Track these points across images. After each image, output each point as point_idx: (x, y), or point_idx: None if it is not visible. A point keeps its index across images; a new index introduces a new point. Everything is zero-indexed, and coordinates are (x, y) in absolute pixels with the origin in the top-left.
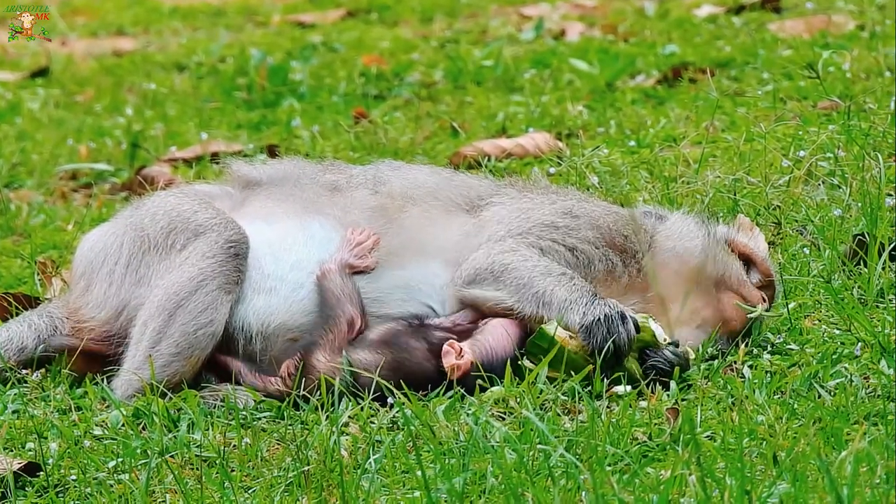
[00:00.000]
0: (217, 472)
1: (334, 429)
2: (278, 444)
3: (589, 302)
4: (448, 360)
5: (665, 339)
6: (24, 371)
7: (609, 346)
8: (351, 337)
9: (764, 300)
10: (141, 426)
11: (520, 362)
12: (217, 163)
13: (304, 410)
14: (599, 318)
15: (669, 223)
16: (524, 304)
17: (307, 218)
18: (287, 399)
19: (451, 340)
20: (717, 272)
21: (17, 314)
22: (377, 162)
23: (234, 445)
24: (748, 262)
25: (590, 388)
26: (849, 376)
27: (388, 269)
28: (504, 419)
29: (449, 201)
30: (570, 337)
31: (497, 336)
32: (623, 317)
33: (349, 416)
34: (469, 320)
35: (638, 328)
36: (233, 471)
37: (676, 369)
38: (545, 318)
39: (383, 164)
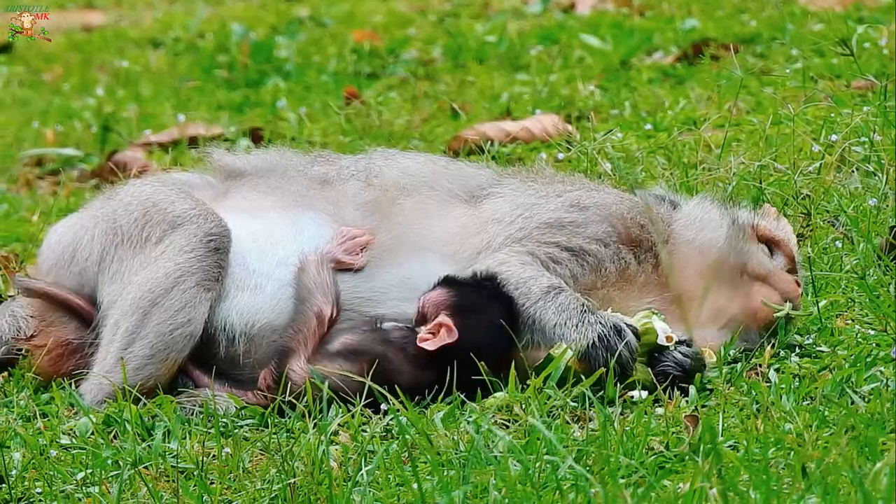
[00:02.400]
0: (195, 485)
1: (323, 437)
2: (262, 455)
3: (580, 323)
4: (424, 338)
5: (673, 338)
6: None
7: (613, 366)
8: (323, 331)
9: (798, 284)
10: (112, 434)
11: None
12: (196, 147)
13: (289, 418)
14: (594, 342)
15: (687, 210)
16: (521, 311)
17: (296, 212)
18: (271, 405)
19: (426, 328)
20: (743, 263)
21: None
22: (369, 152)
23: (214, 456)
24: (770, 246)
25: (602, 393)
26: (884, 381)
27: (383, 267)
28: (508, 427)
29: (446, 192)
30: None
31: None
32: (619, 330)
33: (339, 424)
34: (424, 314)
35: (638, 336)
36: (212, 483)
37: (697, 375)
38: (542, 345)
39: (376, 154)
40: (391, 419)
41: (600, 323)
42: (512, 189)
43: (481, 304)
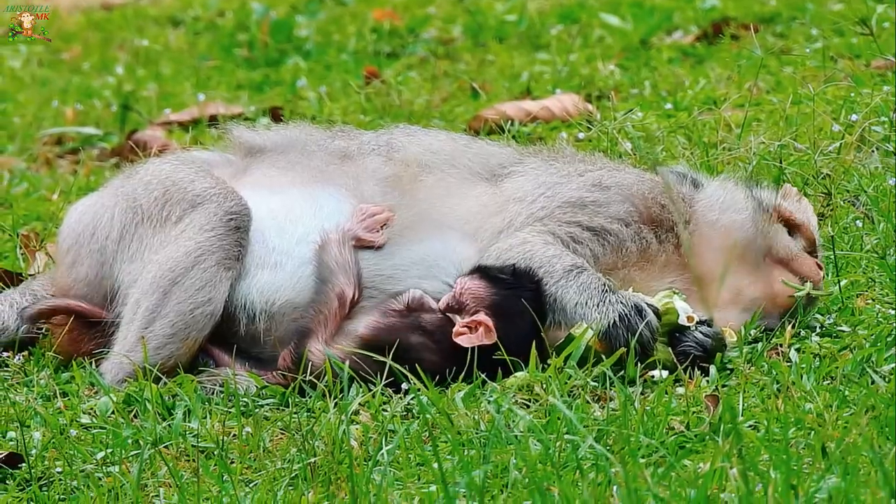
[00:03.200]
0: (215, 465)
1: (343, 417)
2: (282, 434)
3: (601, 302)
4: (460, 332)
5: (694, 318)
6: (4, 354)
7: (633, 346)
8: (344, 313)
9: (820, 267)
10: (132, 414)
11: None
12: (215, 126)
13: (310, 397)
14: (615, 321)
15: (710, 191)
16: (544, 289)
17: (315, 188)
18: (292, 385)
19: (462, 321)
20: (767, 246)
21: None
22: (390, 127)
23: (234, 435)
24: (791, 228)
25: (622, 373)
26: None
27: (403, 245)
28: (528, 407)
29: (467, 170)
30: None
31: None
32: (640, 310)
33: (359, 404)
34: (461, 302)
35: (659, 316)
36: (232, 463)
37: (718, 355)
38: (563, 325)
39: (397, 130)
40: (412, 399)
41: (621, 303)
42: (533, 168)
43: (522, 309)
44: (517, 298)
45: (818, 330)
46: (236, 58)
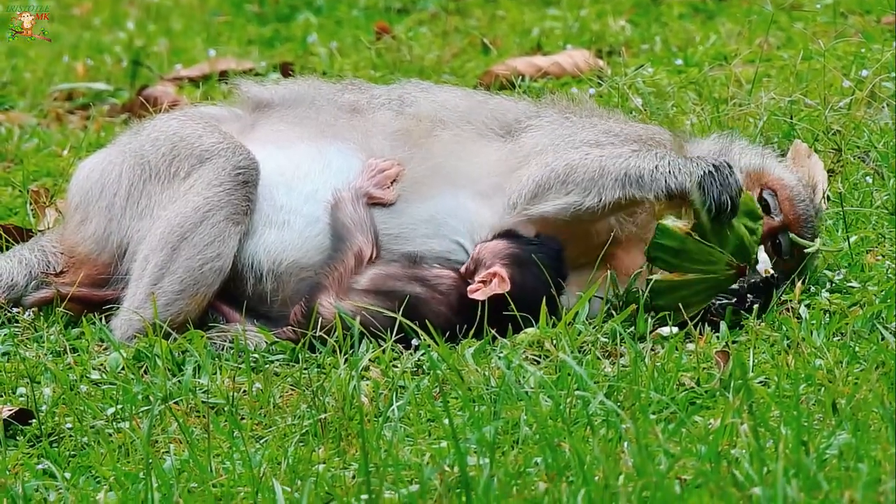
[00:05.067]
0: (226, 421)
1: (354, 373)
2: (292, 390)
3: (684, 162)
4: (475, 289)
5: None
6: (14, 310)
7: (725, 201)
8: (359, 272)
9: (778, 253)
10: (142, 370)
11: (644, 269)
12: (226, 82)
13: (320, 353)
14: (708, 171)
15: (704, 147)
16: (607, 193)
17: (324, 143)
18: (302, 341)
19: (478, 277)
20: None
21: (8, 248)
22: (402, 82)
23: (244, 391)
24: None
25: (632, 329)
26: None
27: (412, 202)
28: (539, 363)
29: (483, 126)
30: (685, 224)
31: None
32: (729, 166)
33: (370, 360)
34: (479, 260)
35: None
36: (243, 419)
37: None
38: (637, 198)
39: (409, 84)
40: (422, 355)
41: (704, 160)
42: (549, 122)
43: (540, 262)
44: (537, 253)
45: (828, 286)
46: (247, 13)
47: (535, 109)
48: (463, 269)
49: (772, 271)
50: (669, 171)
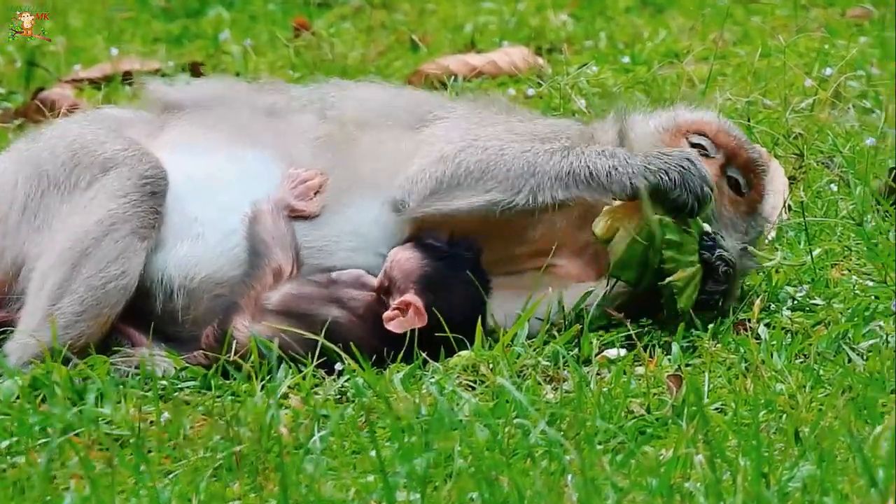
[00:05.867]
0: (131, 454)
1: (271, 401)
2: (204, 420)
3: (646, 156)
4: (390, 317)
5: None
6: None
7: (691, 203)
8: (276, 287)
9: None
10: (40, 398)
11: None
12: (130, 84)
13: (234, 380)
14: (670, 168)
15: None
16: (545, 192)
17: (240, 149)
18: (214, 366)
19: (393, 304)
20: None
21: None
22: (322, 82)
23: (152, 421)
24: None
25: (577, 351)
26: (884, 336)
27: (336, 213)
28: (474, 389)
29: (401, 122)
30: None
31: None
32: (689, 160)
33: (289, 387)
34: (391, 278)
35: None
36: (150, 452)
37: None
38: (587, 200)
39: (330, 84)
40: (346, 381)
41: (663, 153)
42: (460, 114)
43: (455, 277)
44: (452, 268)
45: (789, 304)
46: (152, 8)
47: (449, 102)
48: (377, 283)
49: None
50: (624, 177)
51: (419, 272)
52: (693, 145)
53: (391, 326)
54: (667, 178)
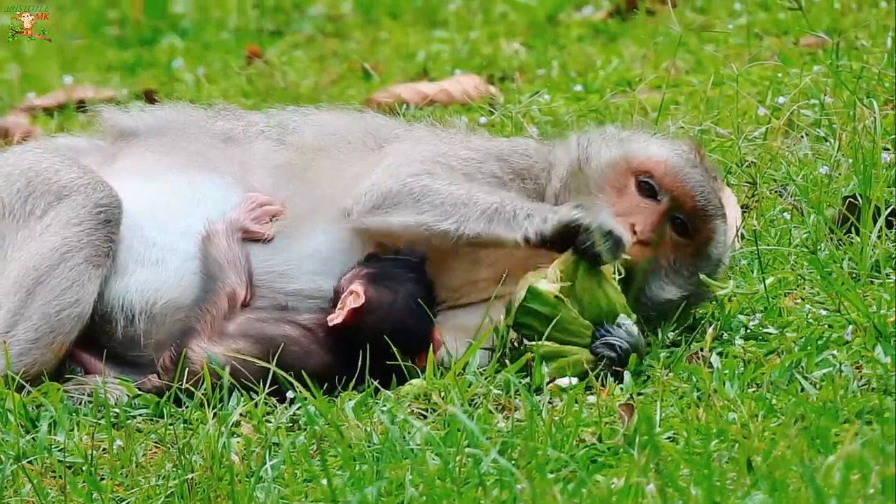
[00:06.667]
0: (84, 481)
1: (223, 429)
2: (157, 447)
3: (569, 208)
4: (333, 316)
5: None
6: None
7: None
8: (233, 315)
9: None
10: None
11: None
12: (84, 112)
13: (187, 407)
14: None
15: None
16: (469, 223)
17: (198, 174)
18: (167, 394)
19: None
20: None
21: None
22: (278, 110)
23: (104, 449)
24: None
25: (528, 380)
26: (837, 366)
27: (297, 237)
28: (426, 417)
29: (361, 145)
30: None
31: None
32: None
33: (241, 414)
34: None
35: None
36: (102, 479)
37: (632, 357)
38: (501, 238)
39: (289, 110)
40: (298, 408)
41: (586, 210)
42: (417, 135)
43: (397, 274)
44: (394, 266)
45: (742, 332)
46: (106, 37)
47: (407, 126)
48: (328, 303)
49: (634, 331)
50: (545, 218)
51: (362, 272)
52: (640, 184)
53: (333, 321)
54: (582, 233)
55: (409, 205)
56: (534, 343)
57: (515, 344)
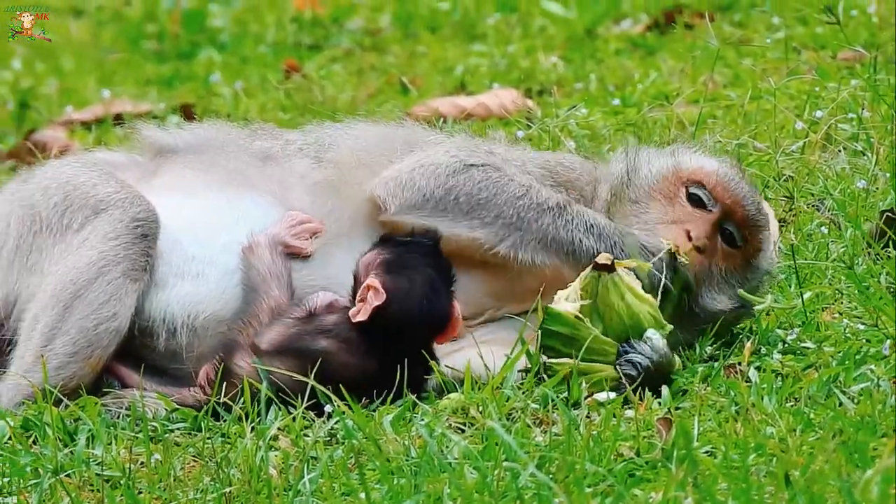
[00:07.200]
0: (122, 495)
1: (261, 443)
2: (195, 461)
3: (629, 236)
4: (355, 312)
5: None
6: None
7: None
8: (266, 329)
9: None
10: (31, 440)
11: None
12: (121, 126)
13: (225, 421)
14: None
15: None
16: (528, 251)
17: (237, 192)
18: (205, 408)
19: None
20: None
21: None
22: (315, 125)
23: (142, 463)
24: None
25: (566, 394)
26: (875, 380)
27: (337, 254)
28: (464, 431)
29: (398, 154)
30: (582, 308)
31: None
32: (673, 256)
33: (279, 428)
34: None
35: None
36: (140, 493)
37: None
38: (559, 266)
39: (325, 126)
40: (336, 422)
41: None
42: (447, 140)
43: (413, 259)
44: (410, 251)
45: (780, 347)
46: (144, 51)
47: (443, 134)
48: (350, 295)
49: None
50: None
51: (378, 260)
52: (690, 195)
53: (357, 318)
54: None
55: (456, 216)
56: (554, 361)
57: (545, 363)
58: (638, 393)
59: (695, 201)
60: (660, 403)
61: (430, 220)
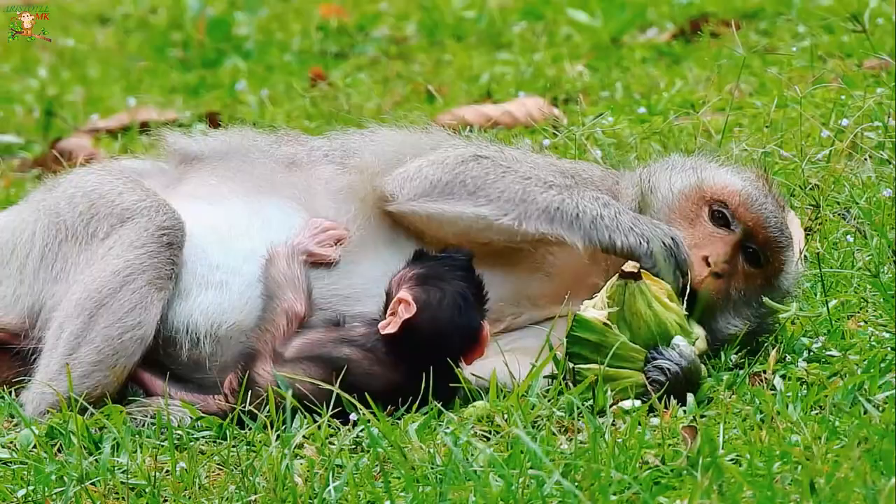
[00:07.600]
0: (147, 503)
1: (286, 451)
2: (220, 469)
3: (636, 220)
4: (384, 325)
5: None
6: None
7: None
8: (293, 331)
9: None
10: (56, 448)
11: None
12: (147, 133)
13: (250, 429)
14: (653, 238)
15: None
16: (529, 220)
17: (261, 199)
18: (230, 416)
19: (389, 310)
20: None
21: None
22: (340, 132)
23: (167, 471)
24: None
25: (591, 402)
26: None
27: (362, 262)
28: (489, 439)
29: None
30: (609, 316)
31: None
32: (677, 242)
33: (304, 436)
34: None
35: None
36: (165, 501)
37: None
38: (564, 238)
39: (349, 132)
40: (361, 430)
41: (660, 228)
42: (472, 142)
43: (445, 273)
44: (441, 265)
45: (805, 355)
46: (170, 59)
47: (466, 140)
48: (381, 311)
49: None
50: (614, 229)
51: (410, 274)
52: (714, 213)
53: (387, 329)
54: (646, 246)
55: (462, 197)
56: (583, 367)
57: (571, 370)
58: (663, 401)
59: (718, 220)
60: (685, 411)
61: (437, 204)
